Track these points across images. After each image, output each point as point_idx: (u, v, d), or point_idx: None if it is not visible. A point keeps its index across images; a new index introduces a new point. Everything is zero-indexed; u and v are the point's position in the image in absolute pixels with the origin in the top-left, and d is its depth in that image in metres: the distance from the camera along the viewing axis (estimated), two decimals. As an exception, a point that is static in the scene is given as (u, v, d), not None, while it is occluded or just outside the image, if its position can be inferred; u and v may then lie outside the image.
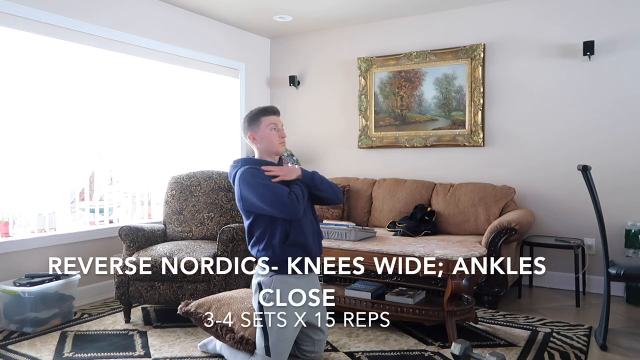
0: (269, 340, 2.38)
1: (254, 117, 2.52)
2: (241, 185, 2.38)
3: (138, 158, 4.31)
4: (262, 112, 2.53)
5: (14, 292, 3.12)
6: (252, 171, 2.39)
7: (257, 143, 2.52)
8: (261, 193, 2.33)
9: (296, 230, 2.41)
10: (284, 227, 2.40)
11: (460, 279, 2.88)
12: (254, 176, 2.37)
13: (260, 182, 2.35)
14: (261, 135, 2.50)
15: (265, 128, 2.49)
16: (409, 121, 4.82)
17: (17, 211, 3.52)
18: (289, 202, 2.31)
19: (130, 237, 3.39)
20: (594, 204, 2.88)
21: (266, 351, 2.38)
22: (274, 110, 2.56)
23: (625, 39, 3.94)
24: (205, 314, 2.63)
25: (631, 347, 2.88)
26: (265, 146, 2.51)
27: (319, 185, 2.51)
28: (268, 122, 2.50)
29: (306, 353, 2.63)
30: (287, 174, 2.42)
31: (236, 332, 2.51)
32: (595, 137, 4.06)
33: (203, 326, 2.63)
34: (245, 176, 2.37)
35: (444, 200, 4.28)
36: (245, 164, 2.46)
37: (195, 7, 4.57)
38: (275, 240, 2.39)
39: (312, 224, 2.54)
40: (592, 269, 4.02)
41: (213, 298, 2.75)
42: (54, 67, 3.64)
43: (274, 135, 2.50)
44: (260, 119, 2.51)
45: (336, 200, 2.62)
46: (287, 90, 5.56)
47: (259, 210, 2.38)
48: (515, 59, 4.36)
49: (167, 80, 4.52)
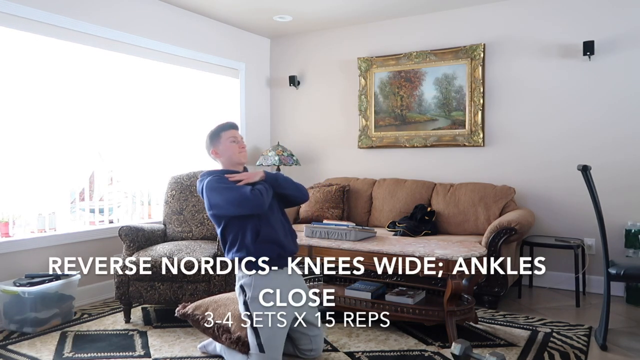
0: (261, 337, 2.43)
1: (214, 134, 2.70)
2: (208, 193, 2.53)
3: (138, 158, 4.31)
4: (221, 128, 2.71)
5: (14, 292, 3.12)
6: (216, 179, 2.56)
7: (220, 157, 2.70)
8: (226, 195, 2.49)
9: (266, 227, 2.53)
10: (254, 226, 2.51)
11: (460, 279, 2.88)
12: (218, 182, 2.54)
13: (225, 185, 2.52)
14: (222, 149, 2.67)
15: (226, 142, 2.67)
16: (409, 121, 4.82)
17: (17, 211, 3.52)
18: (252, 196, 2.45)
19: (130, 237, 3.39)
20: (594, 204, 2.88)
21: (260, 348, 2.43)
22: (232, 125, 2.74)
23: (625, 39, 3.94)
24: (202, 315, 2.65)
25: (631, 347, 2.88)
26: (227, 158, 2.68)
27: (283, 184, 2.65)
28: (228, 136, 2.68)
29: (306, 352, 2.66)
30: (251, 177, 2.58)
31: (232, 333, 2.54)
32: (595, 137, 4.06)
33: (200, 327, 2.66)
34: (211, 184, 2.53)
35: (444, 200, 4.27)
36: (210, 175, 2.62)
37: (195, 7, 4.57)
38: (247, 239, 2.51)
39: (283, 223, 2.66)
40: (592, 269, 4.02)
41: (210, 300, 2.77)
42: (54, 67, 3.64)
43: (234, 147, 2.67)
44: (220, 134, 2.69)
45: (302, 197, 2.76)
46: (287, 90, 5.56)
47: (227, 212, 2.50)
48: (515, 59, 4.36)
49: (167, 80, 4.53)
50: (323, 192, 4.66)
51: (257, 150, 5.46)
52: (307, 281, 3.70)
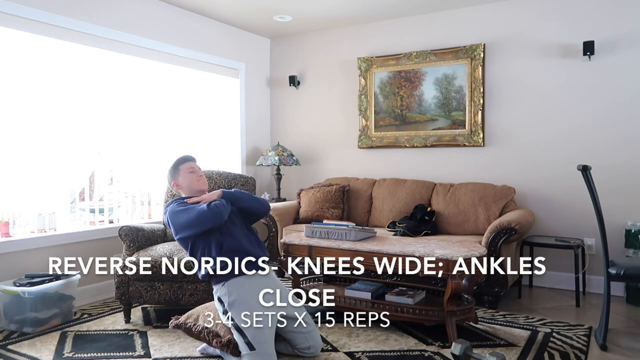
0: (247, 336, 2.47)
1: (173, 168, 2.91)
2: (171, 218, 2.69)
3: (138, 158, 4.31)
4: (179, 162, 2.91)
5: (14, 292, 3.12)
6: (177, 204, 2.74)
7: (181, 188, 2.89)
8: (186, 215, 2.64)
9: (228, 239, 2.66)
10: (217, 239, 2.65)
11: (460, 279, 2.88)
12: (178, 206, 2.72)
13: (184, 207, 2.68)
14: (182, 179, 2.88)
15: (184, 173, 2.88)
16: (409, 121, 4.82)
17: (17, 211, 3.53)
18: (209, 211, 2.59)
19: (130, 237, 3.39)
20: (594, 204, 2.88)
21: (249, 347, 2.46)
22: (189, 157, 2.95)
23: (625, 39, 3.94)
24: (194, 322, 2.70)
25: (631, 347, 2.88)
26: (187, 187, 2.87)
27: (240, 197, 2.80)
28: (185, 168, 2.89)
29: (304, 350, 2.68)
30: (208, 198, 2.73)
31: (223, 337, 2.57)
32: (596, 137, 4.06)
33: (193, 335, 2.70)
34: (172, 209, 2.71)
35: (444, 200, 4.27)
36: (172, 203, 2.78)
37: (195, 7, 4.57)
38: (213, 252, 2.64)
39: (247, 235, 2.79)
40: (592, 269, 4.02)
41: (201, 307, 2.82)
42: (54, 67, 3.64)
43: (192, 177, 2.87)
44: (178, 167, 2.89)
45: (262, 209, 2.92)
46: (287, 90, 5.56)
47: (191, 231, 2.63)
48: (515, 59, 4.36)
49: (167, 81, 4.53)
50: (323, 192, 4.66)
51: (257, 150, 5.46)
52: (307, 281, 3.70)
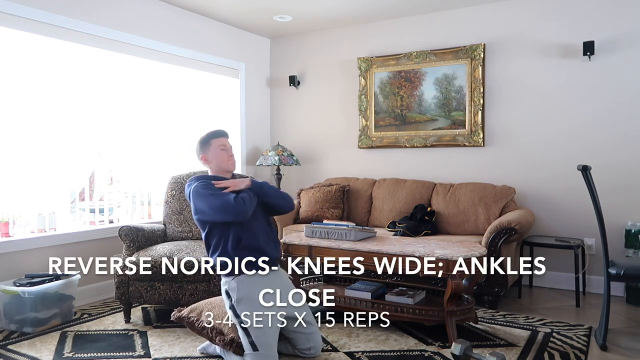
0: (251, 336, 2.45)
1: (204, 141, 2.75)
2: (194, 198, 2.58)
3: (138, 158, 4.31)
4: (212, 135, 2.76)
5: (14, 292, 3.12)
6: (202, 184, 2.61)
7: (209, 163, 2.74)
8: (210, 201, 2.53)
9: (248, 235, 2.58)
10: (236, 233, 2.56)
11: (460, 279, 2.88)
12: (204, 188, 2.58)
13: (210, 192, 2.56)
14: (212, 155, 2.72)
15: (215, 149, 2.72)
16: (409, 121, 4.82)
17: (17, 211, 3.53)
18: (235, 204, 2.49)
19: (130, 237, 3.39)
20: (594, 204, 2.88)
21: (253, 347, 2.44)
22: (223, 133, 2.79)
23: (625, 39, 3.94)
24: (197, 317, 2.68)
25: (631, 347, 2.88)
26: (216, 165, 2.73)
27: (268, 192, 2.70)
28: (217, 144, 2.73)
29: (304, 351, 2.68)
30: (236, 185, 2.62)
31: (226, 335, 2.56)
32: (595, 137, 4.06)
33: (195, 330, 2.68)
34: (197, 189, 2.58)
35: (444, 200, 4.27)
36: (197, 180, 2.66)
37: (195, 7, 4.57)
38: (229, 246, 2.57)
39: (266, 230, 2.72)
40: (592, 269, 4.02)
41: (205, 302, 2.80)
42: (54, 67, 3.64)
43: (222, 155, 2.72)
44: (210, 141, 2.73)
45: (286, 207, 2.81)
46: (287, 90, 5.56)
47: (211, 218, 2.55)
48: (515, 59, 4.36)
49: (167, 81, 4.53)
50: (323, 192, 4.66)
51: (257, 150, 5.46)
52: (307, 281, 3.70)
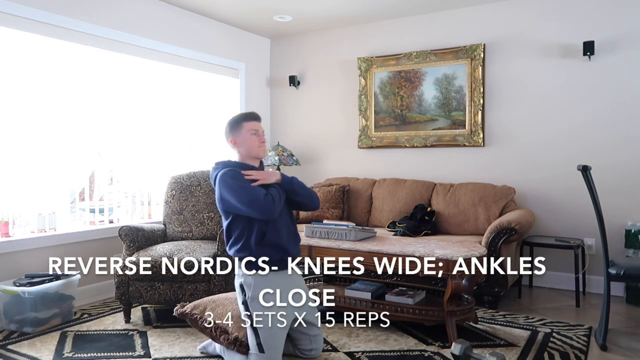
0: (260, 337, 2.42)
1: (235, 123, 2.60)
2: (221, 187, 2.46)
3: (138, 158, 4.31)
4: (243, 117, 2.62)
5: (14, 292, 3.12)
6: (231, 173, 2.47)
7: (239, 147, 2.60)
8: (239, 194, 2.41)
9: (272, 231, 2.49)
10: (260, 228, 2.47)
11: (460, 279, 2.88)
12: (233, 178, 2.45)
13: (239, 184, 2.43)
14: (242, 140, 2.58)
15: (247, 133, 2.57)
16: (409, 121, 4.82)
17: (17, 211, 3.52)
18: (264, 202, 2.39)
19: (130, 237, 3.39)
20: (594, 204, 2.88)
21: (259, 348, 2.41)
22: (255, 116, 2.64)
23: (625, 39, 3.94)
24: (201, 315, 2.65)
25: (631, 347, 2.88)
26: (245, 150, 2.59)
27: (297, 190, 2.58)
28: (249, 128, 2.58)
29: (305, 352, 2.66)
30: (267, 178, 2.50)
31: (230, 333, 2.54)
32: (595, 137, 4.06)
33: (198, 327, 2.66)
34: (225, 178, 2.46)
35: (444, 200, 4.27)
36: (225, 167, 2.54)
37: (195, 7, 4.57)
38: (252, 240, 2.47)
39: (289, 226, 2.62)
40: (592, 269, 4.02)
41: (208, 299, 2.77)
42: (54, 67, 3.64)
43: (254, 140, 2.58)
44: (241, 124, 2.59)
45: (312, 206, 2.69)
46: (287, 90, 5.56)
47: (236, 210, 2.45)
48: (515, 59, 4.36)
49: (167, 80, 4.52)
50: (323, 192, 4.66)
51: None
52: (307, 281, 3.70)
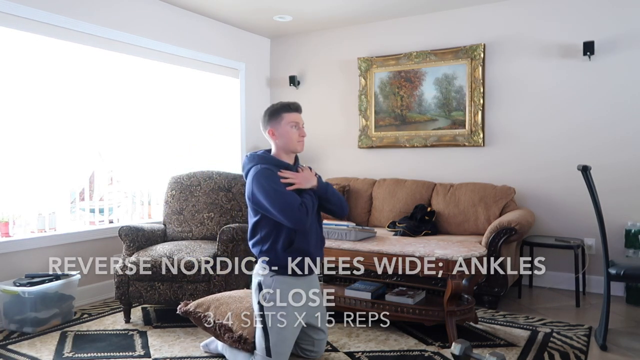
0: (270, 340, 2.37)
1: (275, 112, 2.46)
2: (254, 185, 2.35)
3: (138, 158, 4.31)
4: (284, 108, 2.46)
5: (14, 292, 3.12)
6: (267, 173, 2.35)
7: (276, 139, 2.47)
8: (273, 198, 2.30)
9: (300, 237, 2.41)
10: (288, 234, 2.39)
11: (460, 279, 2.88)
12: (267, 179, 2.33)
13: (274, 187, 2.31)
14: (281, 131, 2.44)
15: (286, 125, 2.44)
16: (409, 121, 4.82)
17: (17, 211, 3.52)
18: (298, 213, 2.29)
19: (130, 237, 3.39)
20: (594, 204, 2.88)
21: (267, 352, 2.37)
22: (297, 107, 2.49)
23: (625, 39, 3.94)
24: (204, 313, 2.63)
25: (631, 347, 2.88)
26: (283, 143, 2.47)
27: (331, 198, 2.51)
28: (289, 120, 2.44)
29: (307, 352, 2.65)
30: (303, 183, 2.40)
31: (235, 332, 2.51)
32: (596, 137, 4.06)
33: (202, 326, 2.63)
34: (260, 178, 2.34)
35: (444, 200, 4.27)
36: (261, 162, 2.42)
37: (195, 7, 4.57)
38: (279, 245, 2.39)
39: (317, 231, 2.55)
40: (592, 269, 4.02)
41: (212, 298, 2.75)
42: (54, 67, 3.64)
43: (293, 133, 2.45)
44: (282, 115, 2.45)
45: (341, 214, 2.61)
46: (287, 90, 5.56)
47: (267, 213, 2.36)
48: (515, 59, 4.36)
49: (167, 80, 4.52)
50: (323, 192, 4.66)
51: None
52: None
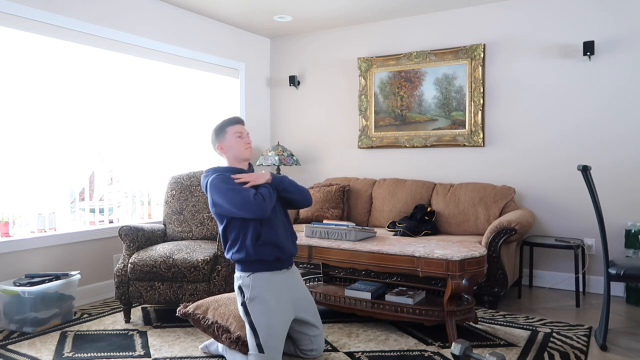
0: (259, 337, 2.42)
1: (220, 129, 2.66)
2: (212, 192, 2.50)
3: (138, 158, 4.31)
4: (227, 122, 2.67)
5: (14, 292, 3.12)
6: (221, 177, 2.51)
7: (226, 152, 2.66)
8: (229, 197, 2.44)
9: (267, 230, 2.51)
10: (255, 228, 2.49)
11: (460, 279, 2.88)
12: (222, 182, 2.49)
13: (229, 187, 2.47)
14: (228, 144, 2.64)
15: (231, 137, 2.63)
16: (409, 121, 4.82)
17: (17, 211, 3.52)
18: (255, 202, 2.41)
19: (130, 237, 3.39)
20: (594, 204, 2.88)
21: (259, 349, 2.41)
22: (238, 119, 2.70)
23: (625, 39, 3.94)
24: (203, 315, 2.65)
25: (631, 347, 2.88)
26: (233, 154, 2.65)
27: (288, 187, 2.62)
28: (233, 131, 2.64)
29: (307, 352, 2.66)
30: (256, 180, 2.54)
31: (232, 332, 2.54)
32: (595, 137, 4.06)
33: (201, 327, 2.65)
34: (215, 182, 2.50)
35: (444, 200, 4.27)
36: (215, 172, 2.58)
37: (195, 7, 4.57)
38: (248, 240, 2.49)
39: (285, 225, 2.64)
40: (592, 269, 4.02)
41: (211, 299, 2.76)
42: (54, 67, 3.64)
43: (239, 142, 2.64)
44: (225, 129, 2.65)
45: (305, 203, 2.72)
46: (287, 90, 5.56)
47: (229, 213, 2.48)
48: (515, 59, 4.36)
49: (167, 80, 4.53)
50: (323, 192, 4.66)
51: (257, 150, 5.46)
52: (307, 281, 3.70)
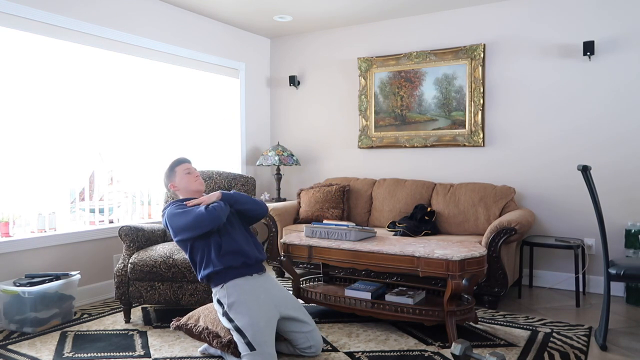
0: (247, 336, 2.45)
1: (170, 170, 2.94)
2: (170, 221, 2.68)
3: (138, 158, 4.31)
4: (175, 163, 2.94)
5: (14, 292, 3.12)
6: (175, 206, 2.74)
7: (178, 189, 2.91)
8: (184, 218, 2.63)
9: (227, 240, 2.66)
10: (216, 241, 2.65)
11: (460, 279, 2.88)
12: (177, 208, 2.71)
13: (182, 210, 2.68)
14: (179, 181, 2.90)
15: (180, 174, 2.90)
16: (409, 121, 4.82)
17: (17, 211, 3.52)
18: (207, 213, 2.58)
19: (130, 237, 3.39)
20: (594, 204, 2.88)
21: (249, 347, 2.44)
22: (184, 159, 2.98)
23: (625, 39, 3.94)
24: (195, 323, 2.71)
25: (631, 347, 2.88)
26: (184, 188, 2.89)
27: (239, 199, 2.78)
28: (181, 170, 2.91)
29: (305, 350, 2.68)
30: (207, 200, 2.72)
31: (223, 337, 2.57)
32: (595, 137, 4.06)
33: (194, 335, 2.70)
34: (170, 212, 2.70)
35: (444, 200, 4.27)
36: (170, 205, 2.78)
37: (195, 7, 4.57)
38: (212, 254, 2.64)
39: (246, 236, 2.79)
40: (592, 269, 4.03)
41: (202, 308, 2.83)
42: (54, 67, 3.64)
43: (189, 177, 2.90)
44: (175, 169, 2.92)
45: (261, 211, 2.88)
46: (287, 90, 5.56)
47: (190, 234, 2.62)
48: (515, 59, 4.36)
49: (167, 80, 4.53)
50: (323, 192, 4.66)
51: (257, 150, 5.46)
52: (307, 281, 3.70)
